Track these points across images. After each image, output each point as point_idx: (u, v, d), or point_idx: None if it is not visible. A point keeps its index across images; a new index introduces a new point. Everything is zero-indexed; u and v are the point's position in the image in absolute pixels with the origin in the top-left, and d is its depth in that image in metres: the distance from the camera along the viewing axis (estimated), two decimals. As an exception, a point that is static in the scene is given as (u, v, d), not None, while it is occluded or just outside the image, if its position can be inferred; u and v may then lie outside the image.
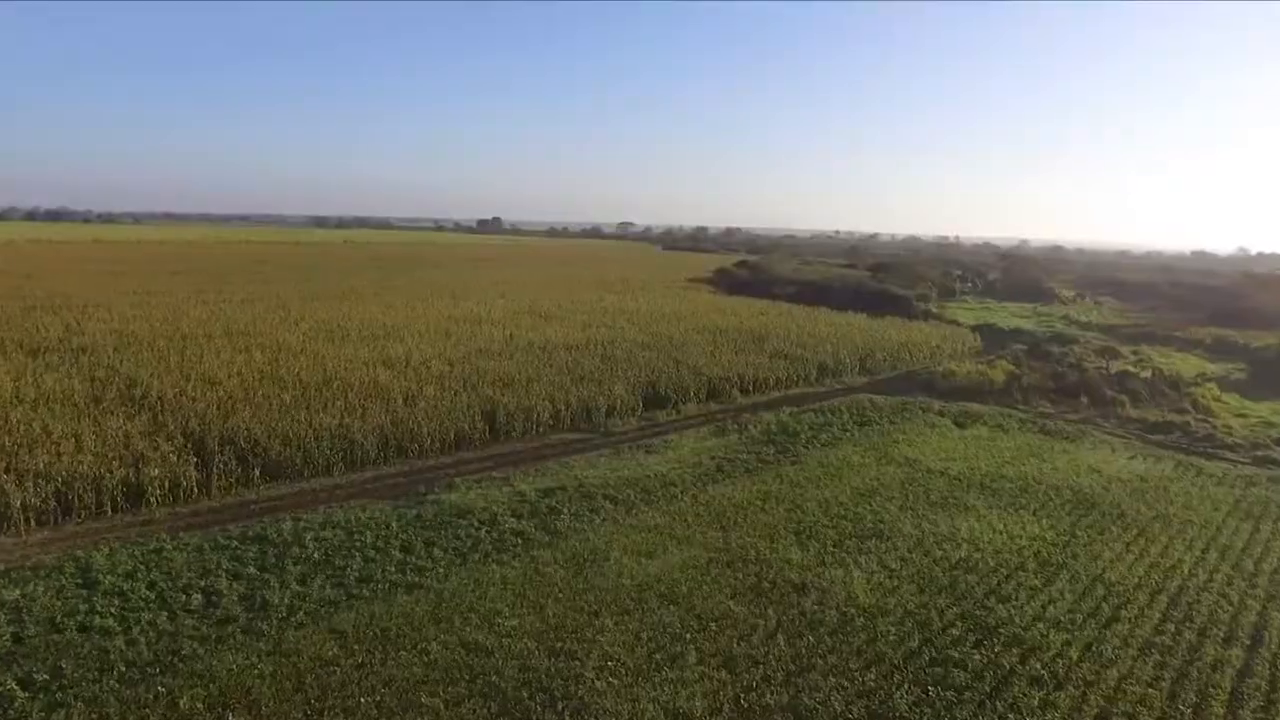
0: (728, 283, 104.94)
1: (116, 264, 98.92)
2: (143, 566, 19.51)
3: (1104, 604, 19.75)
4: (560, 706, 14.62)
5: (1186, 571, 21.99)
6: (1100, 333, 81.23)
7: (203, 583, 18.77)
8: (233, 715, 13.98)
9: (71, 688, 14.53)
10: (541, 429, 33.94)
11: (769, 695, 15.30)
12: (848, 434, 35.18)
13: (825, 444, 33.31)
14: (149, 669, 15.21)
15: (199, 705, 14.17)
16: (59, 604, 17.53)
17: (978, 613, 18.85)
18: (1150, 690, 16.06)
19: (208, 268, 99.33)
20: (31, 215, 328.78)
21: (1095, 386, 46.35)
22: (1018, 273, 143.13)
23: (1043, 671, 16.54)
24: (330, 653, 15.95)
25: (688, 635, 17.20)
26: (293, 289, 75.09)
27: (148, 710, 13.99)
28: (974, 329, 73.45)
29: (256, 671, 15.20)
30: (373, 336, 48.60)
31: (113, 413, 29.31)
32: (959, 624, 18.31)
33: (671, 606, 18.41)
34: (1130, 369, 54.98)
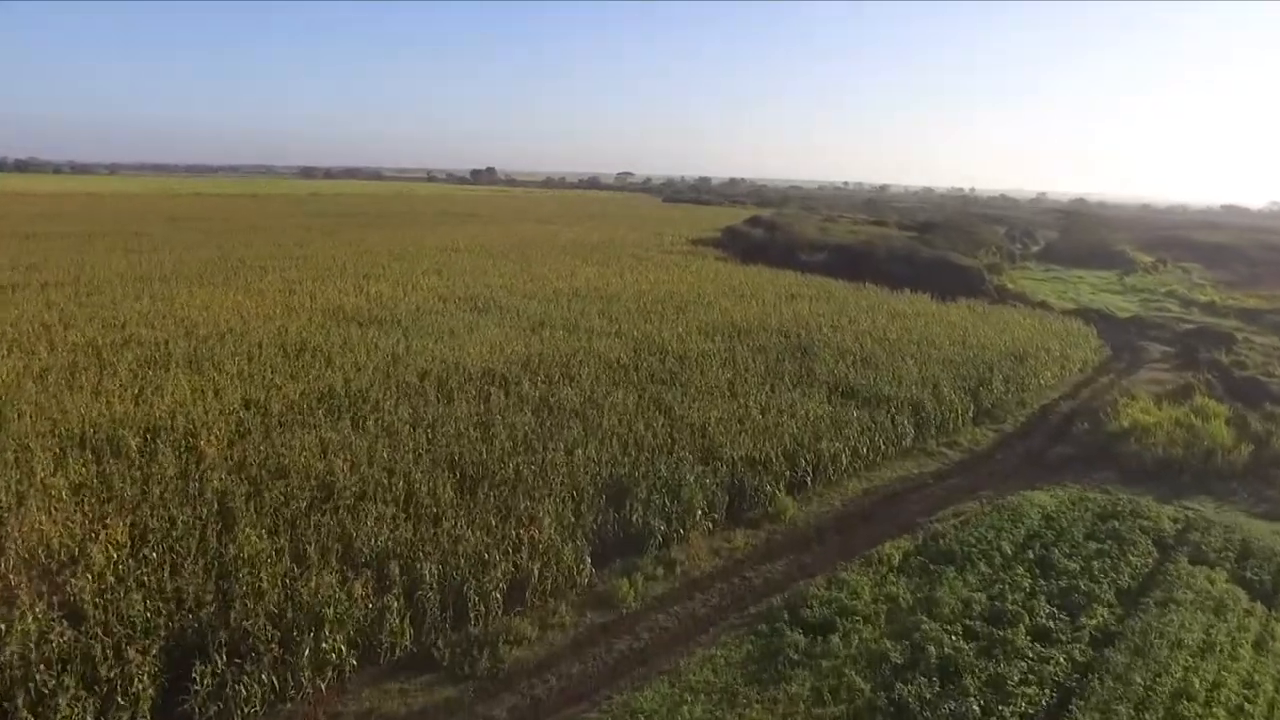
0: (740, 246, 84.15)
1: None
2: None
3: None
4: None
5: None
6: (1239, 319, 60.89)
7: None
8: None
9: None
10: (327, 675, 13.71)
11: None
12: (1060, 654, 15.40)
13: None
14: None
15: None
16: None
17: None
18: None
19: (96, 229, 78.56)
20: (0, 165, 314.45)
21: (1404, 458, 26.42)
22: (1080, 233, 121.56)
23: None
24: None
25: None
26: (155, 262, 54.79)
27: None
28: (1081, 317, 53.28)
29: None
30: (161, 361, 28.72)
31: None
32: None
33: None
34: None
